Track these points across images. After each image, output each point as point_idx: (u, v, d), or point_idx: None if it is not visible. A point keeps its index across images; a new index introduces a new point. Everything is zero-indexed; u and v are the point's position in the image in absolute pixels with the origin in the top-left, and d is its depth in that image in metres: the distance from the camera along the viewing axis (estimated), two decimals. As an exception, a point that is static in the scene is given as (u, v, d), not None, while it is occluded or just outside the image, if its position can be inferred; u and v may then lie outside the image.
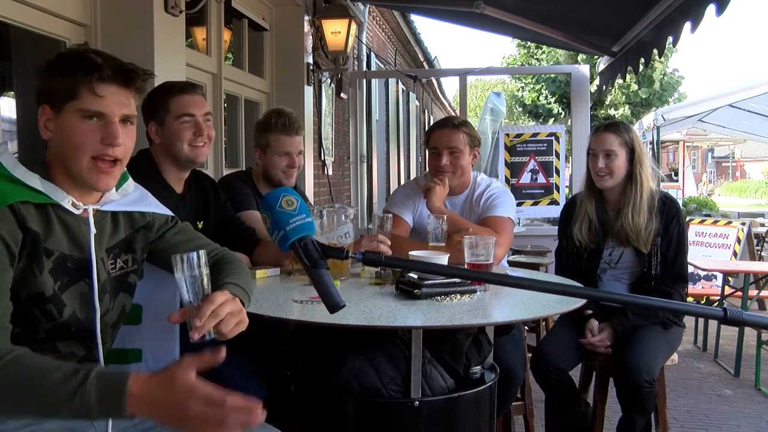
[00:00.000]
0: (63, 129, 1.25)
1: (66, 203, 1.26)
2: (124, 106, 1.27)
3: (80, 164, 1.25)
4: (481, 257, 1.84)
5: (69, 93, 1.23)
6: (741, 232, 5.72)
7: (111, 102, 1.25)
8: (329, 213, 2.00)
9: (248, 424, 1.00)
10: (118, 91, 1.26)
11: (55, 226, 1.26)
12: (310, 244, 1.00)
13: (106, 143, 1.25)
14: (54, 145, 1.27)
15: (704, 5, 2.61)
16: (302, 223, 1.01)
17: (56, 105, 1.25)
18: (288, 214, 1.01)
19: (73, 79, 1.23)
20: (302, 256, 1.00)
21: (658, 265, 2.39)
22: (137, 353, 1.57)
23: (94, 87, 1.23)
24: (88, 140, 1.24)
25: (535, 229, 5.77)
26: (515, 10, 4.29)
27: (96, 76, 1.23)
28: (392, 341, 1.70)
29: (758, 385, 3.88)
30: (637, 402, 2.21)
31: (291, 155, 2.47)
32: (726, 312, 0.88)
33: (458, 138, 2.47)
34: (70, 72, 1.23)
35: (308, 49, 4.43)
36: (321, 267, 0.99)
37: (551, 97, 17.46)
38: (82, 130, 1.24)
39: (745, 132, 9.30)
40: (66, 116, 1.24)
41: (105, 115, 1.25)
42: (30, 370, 1.07)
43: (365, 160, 6.20)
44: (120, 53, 2.35)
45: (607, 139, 2.41)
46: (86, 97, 1.23)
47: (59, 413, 1.04)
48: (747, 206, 16.58)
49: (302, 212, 1.02)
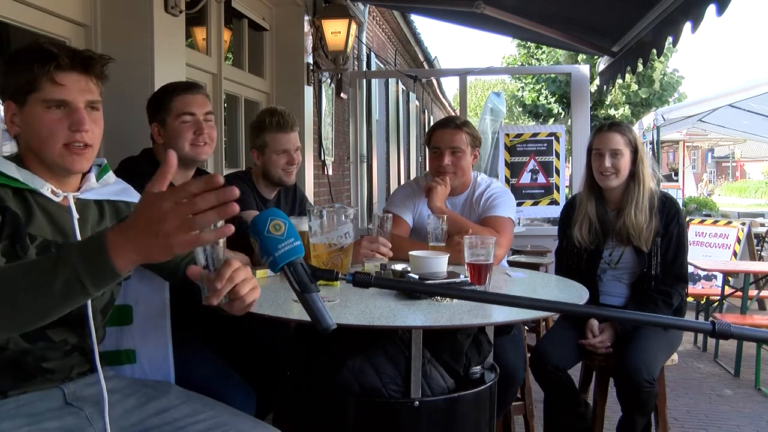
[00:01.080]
0: (29, 122, 1.27)
1: (45, 190, 1.28)
2: (86, 93, 1.29)
3: (53, 152, 1.27)
4: (481, 257, 1.83)
5: (30, 85, 1.25)
6: (741, 232, 5.72)
7: (72, 89, 1.27)
8: (329, 213, 2.00)
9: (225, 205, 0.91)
10: (79, 78, 1.28)
11: (37, 212, 1.27)
12: (300, 267, 0.99)
13: (74, 130, 1.26)
14: (23, 138, 1.29)
15: (704, 5, 2.60)
16: (291, 248, 1.00)
17: (19, 99, 1.26)
18: (276, 240, 1.00)
19: (31, 71, 1.24)
20: (292, 281, 0.99)
21: (658, 265, 2.39)
22: (131, 354, 1.57)
23: (54, 76, 1.25)
24: (57, 129, 1.26)
25: (535, 229, 5.77)
26: (515, 10, 4.29)
27: (53, 65, 1.24)
28: (392, 341, 1.70)
29: (758, 385, 3.88)
30: (637, 402, 2.21)
31: (289, 152, 2.47)
32: (714, 326, 0.89)
33: (460, 138, 2.47)
34: (27, 65, 1.24)
35: (308, 49, 4.43)
36: (311, 291, 0.99)
37: (551, 97, 17.46)
38: (48, 120, 1.26)
39: (745, 132, 9.31)
40: (30, 109, 1.26)
41: (69, 102, 1.26)
42: (6, 269, 1.04)
43: (365, 160, 6.20)
44: (120, 53, 2.37)
45: (614, 138, 2.41)
46: (47, 87, 1.25)
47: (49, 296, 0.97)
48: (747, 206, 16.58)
49: (290, 236, 1.01)
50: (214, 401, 1.49)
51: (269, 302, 1.63)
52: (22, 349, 1.27)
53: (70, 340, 1.33)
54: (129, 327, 1.56)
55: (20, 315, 1.01)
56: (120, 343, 1.56)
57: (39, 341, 1.28)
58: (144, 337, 1.57)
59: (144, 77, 2.45)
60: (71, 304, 1.00)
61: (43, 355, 1.30)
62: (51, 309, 1.00)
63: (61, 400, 1.33)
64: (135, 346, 1.57)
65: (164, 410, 1.42)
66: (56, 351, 1.32)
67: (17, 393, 1.28)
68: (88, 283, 0.96)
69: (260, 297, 1.67)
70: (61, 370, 1.33)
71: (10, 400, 1.27)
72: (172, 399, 1.45)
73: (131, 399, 1.43)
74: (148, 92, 2.23)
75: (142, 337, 1.57)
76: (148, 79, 2.46)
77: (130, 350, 1.56)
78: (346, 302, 1.67)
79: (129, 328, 1.56)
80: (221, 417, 1.42)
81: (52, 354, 1.31)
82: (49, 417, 1.30)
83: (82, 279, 0.96)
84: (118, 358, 1.55)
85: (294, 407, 1.81)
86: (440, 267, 1.91)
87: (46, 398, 1.32)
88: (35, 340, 1.27)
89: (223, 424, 1.39)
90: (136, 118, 2.24)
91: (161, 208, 0.91)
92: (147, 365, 1.58)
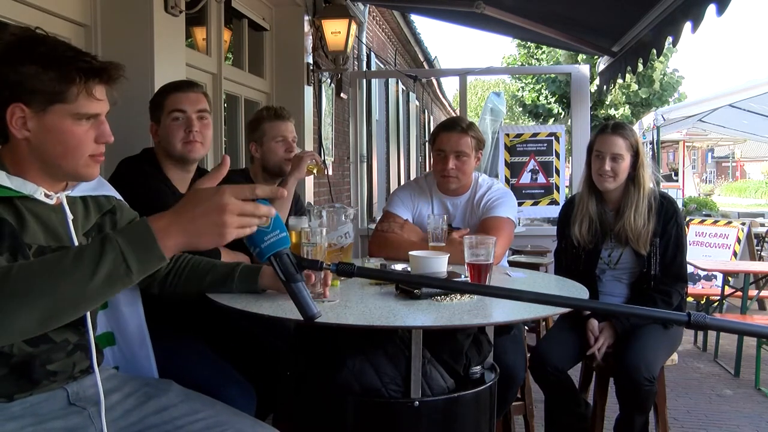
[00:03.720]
0: (51, 131, 1.20)
1: (39, 195, 1.25)
2: (108, 104, 1.27)
3: (76, 163, 1.24)
4: (481, 257, 1.84)
5: (59, 96, 1.18)
6: (741, 232, 5.73)
7: (104, 103, 1.25)
8: (329, 213, 2.00)
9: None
10: (105, 90, 1.25)
11: (28, 219, 1.24)
12: (286, 258, 1.04)
13: (101, 142, 1.25)
14: (36, 145, 1.21)
15: (704, 5, 2.60)
16: (277, 239, 1.05)
17: (36, 105, 1.18)
18: (262, 232, 1.05)
19: (71, 83, 1.18)
20: (278, 271, 1.04)
21: (657, 265, 2.39)
22: (110, 336, 1.58)
23: (93, 90, 1.20)
24: (85, 141, 1.23)
25: (535, 229, 5.77)
26: (515, 10, 4.29)
27: (96, 80, 1.21)
28: (392, 341, 1.70)
29: (758, 385, 3.88)
30: (636, 400, 2.21)
31: (287, 140, 2.48)
32: (690, 316, 0.90)
33: (466, 142, 2.45)
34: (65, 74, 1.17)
35: (308, 49, 4.43)
36: (297, 281, 1.04)
37: (551, 97, 17.47)
38: (77, 133, 1.22)
39: (745, 132, 9.30)
40: (54, 118, 1.19)
41: (98, 115, 1.24)
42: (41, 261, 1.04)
43: (365, 160, 6.20)
44: (120, 53, 2.38)
45: (616, 142, 2.41)
46: (82, 100, 1.20)
47: (92, 280, 0.99)
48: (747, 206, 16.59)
49: (276, 228, 1.06)
50: (213, 400, 1.49)
51: (269, 302, 1.63)
52: (28, 354, 1.26)
53: (71, 339, 1.33)
54: (104, 311, 1.57)
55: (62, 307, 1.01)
56: (100, 328, 1.57)
57: (41, 344, 1.27)
58: (119, 319, 1.58)
59: (144, 77, 2.45)
60: (112, 291, 1.03)
61: (48, 358, 1.29)
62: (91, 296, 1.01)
63: (65, 401, 1.34)
64: (113, 329, 1.58)
65: (163, 409, 1.42)
66: (60, 352, 1.31)
67: (23, 396, 1.28)
68: (134, 265, 1.00)
69: (260, 297, 1.68)
70: (64, 371, 1.33)
71: (15, 403, 1.27)
72: (171, 398, 1.45)
73: (131, 398, 1.43)
74: (148, 92, 2.23)
75: (118, 320, 1.58)
76: (148, 79, 2.46)
77: (109, 333, 1.57)
78: (346, 302, 1.67)
79: (104, 313, 1.57)
80: (220, 416, 1.42)
81: (56, 355, 1.31)
82: (54, 417, 1.30)
83: (129, 263, 1.00)
84: (99, 342, 1.56)
85: (294, 407, 1.81)
86: (440, 267, 1.91)
87: (51, 399, 1.32)
88: (37, 343, 1.27)
89: (221, 424, 1.39)
90: (135, 118, 2.24)
91: (226, 201, 1.02)
92: (125, 347, 1.59)
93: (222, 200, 1.02)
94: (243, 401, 1.73)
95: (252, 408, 1.77)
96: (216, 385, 1.70)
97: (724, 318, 1.01)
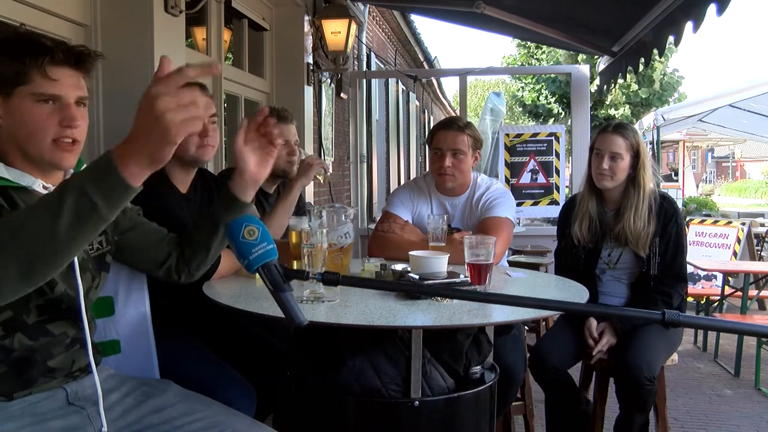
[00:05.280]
0: (16, 114, 1.22)
1: (37, 186, 1.26)
2: (78, 89, 1.27)
3: (41, 147, 1.24)
4: (481, 257, 1.84)
5: (19, 77, 1.21)
6: (741, 232, 5.72)
7: (65, 85, 1.24)
8: (329, 213, 2.00)
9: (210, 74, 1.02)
10: (71, 74, 1.25)
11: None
12: (273, 269, 1.06)
13: (65, 125, 1.24)
14: (7, 131, 1.24)
15: (705, 5, 2.59)
16: (264, 251, 1.07)
17: (4, 90, 1.22)
18: (250, 244, 1.07)
19: (22, 64, 1.20)
20: (266, 282, 1.06)
21: (657, 266, 2.39)
22: (116, 344, 1.58)
23: (47, 70, 1.21)
24: (46, 124, 1.23)
25: (535, 229, 5.77)
26: (515, 10, 4.29)
27: (47, 59, 1.21)
28: (392, 341, 1.70)
29: (758, 385, 3.88)
30: (636, 399, 2.21)
31: (289, 143, 2.49)
32: (664, 314, 0.90)
33: (463, 140, 2.46)
34: (17, 56, 1.20)
35: (308, 49, 4.43)
36: (284, 290, 1.06)
37: (551, 97, 17.47)
38: (38, 114, 1.22)
39: (745, 132, 9.30)
40: (17, 100, 1.22)
41: (61, 97, 1.24)
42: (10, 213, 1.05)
43: (365, 160, 6.20)
44: (120, 53, 2.38)
45: (615, 141, 2.40)
46: (38, 80, 1.21)
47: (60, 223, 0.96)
48: (747, 206, 16.58)
49: (264, 240, 1.08)
50: (211, 401, 1.49)
51: (269, 302, 1.63)
52: (28, 347, 1.27)
53: (69, 333, 1.34)
54: (111, 318, 1.57)
55: (35, 253, 0.99)
56: (105, 335, 1.57)
57: (40, 336, 1.28)
58: (126, 327, 1.58)
59: (144, 77, 2.45)
60: (86, 229, 0.99)
61: (48, 352, 1.30)
62: (64, 238, 0.97)
63: (64, 400, 1.34)
64: (119, 337, 1.58)
65: (161, 408, 1.42)
66: (59, 346, 1.32)
67: (22, 395, 1.29)
68: (99, 199, 0.96)
69: (260, 297, 1.68)
70: (63, 368, 1.34)
71: (14, 402, 1.28)
72: (169, 397, 1.45)
73: (129, 398, 1.44)
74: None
75: (125, 328, 1.58)
76: (147, 79, 2.44)
77: (115, 341, 1.58)
78: (346, 302, 1.67)
79: (111, 319, 1.57)
80: (218, 416, 1.42)
81: (56, 350, 1.32)
82: (53, 416, 1.30)
83: (92, 197, 0.96)
84: (104, 349, 1.56)
85: (294, 407, 1.81)
86: (440, 267, 1.91)
87: (50, 398, 1.32)
88: (36, 335, 1.28)
89: (219, 424, 1.39)
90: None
91: (152, 92, 0.95)
92: (131, 356, 1.59)
93: (150, 93, 0.95)
94: (242, 401, 1.73)
95: (252, 408, 1.77)
96: (215, 385, 1.70)
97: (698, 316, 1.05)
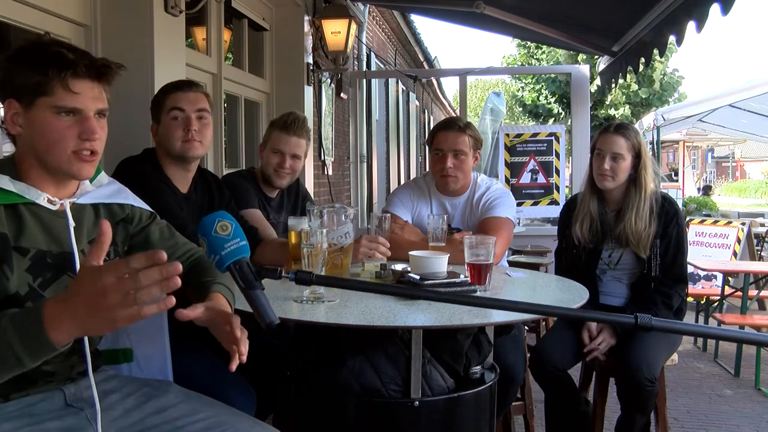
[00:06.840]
0: (36, 125, 1.22)
1: (42, 201, 1.26)
2: (98, 101, 1.26)
3: (59, 158, 1.24)
4: (481, 257, 1.84)
5: (40, 88, 1.20)
6: (741, 232, 5.72)
7: (86, 98, 1.24)
8: (329, 213, 2.00)
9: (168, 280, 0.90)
10: (92, 86, 1.25)
11: (29, 223, 1.24)
12: (245, 266, 1.04)
13: (84, 138, 1.24)
14: (25, 140, 1.24)
15: (708, 4, 2.56)
16: (237, 247, 1.05)
17: (24, 100, 1.22)
18: (223, 239, 1.05)
19: (44, 75, 1.20)
20: (237, 278, 1.04)
21: (657, 267, 2.39)
22: (128, 353, 1.57)
23: (69, 83, 1.21)
24: (66, 136, 1.23)
25: (535, 229, 5.77)
26: (515, 10, 4.28)
27: (70, 72, 1.21)
28: (392, 341, 1.70)
29: (758, 385, 3.88)
30: (638, 401, 2.21)
31: (283, 155, 2.46)
32: (637, 318, 0.91)
33: (463, 141, 2.46)
34: (40, 68, 1.20)
35: (308, 49, 4.42)
36: (255, 288, 1.03)
37: (551, 97, 17.46)
38: (58, 127, 1.22)
39: (745, 132, 9.30)
40: (37, 112, 1.22)
41: (81, 111, 1.24)
42: None
43: (365, 160, 6.20)
44: (120, 53, 2.37)
45: (617, 141, 2.40)
46: (60, 93, 1.21)
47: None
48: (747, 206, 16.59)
49: (236, 236, 1.06)
50: (213, 401, 1.49)
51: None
52: None
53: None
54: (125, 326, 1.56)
55: None
56: (117, 342, 1.56)
57: None
58: (141, 336, 1.57)
59: (144, 77, 2.45)
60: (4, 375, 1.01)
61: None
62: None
63: (62, 402, 1.33)
64: (132, 345, 1.57)
65: (163, 409, 1.42)
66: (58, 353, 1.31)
67: (19, 396, 1.28)
68: (24, 356, 0.98)
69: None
70: (61, 372, 1.33)
71: (11, 403, 1.27)
72: (171, 398, 1.45)
73: (130, 399, 1.43)
74: (148, 92, 2.23)
75: (139, 336, 1.57)
76: (148, 79, 2.46)
77: (128, 349, 1.56)
78: (346, 302, 1.67)
79: (125, 327, 1.56)
80: (220, 416, 1.41)
81: (54, 357, 1.31)
82: (50, 417, 1.30)
83: (16, 352, 0.97)
84: (116, 357, 1.55)
85: (294, 407, 1.81)
86: (440, 267, 1.91)
87: (48, 400, 1.32)
88: None
89: (221, 424, 1.39)
90: (135, 118, 2.24)
91: (103, 282, 0.90)
92: (144, 364, 1.58)
93: (100, 281, 0.90)
94: (243, 401, 1.73)
95: (252, 408, 1.77)
96: (216, 385, 1.70)
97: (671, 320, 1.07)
